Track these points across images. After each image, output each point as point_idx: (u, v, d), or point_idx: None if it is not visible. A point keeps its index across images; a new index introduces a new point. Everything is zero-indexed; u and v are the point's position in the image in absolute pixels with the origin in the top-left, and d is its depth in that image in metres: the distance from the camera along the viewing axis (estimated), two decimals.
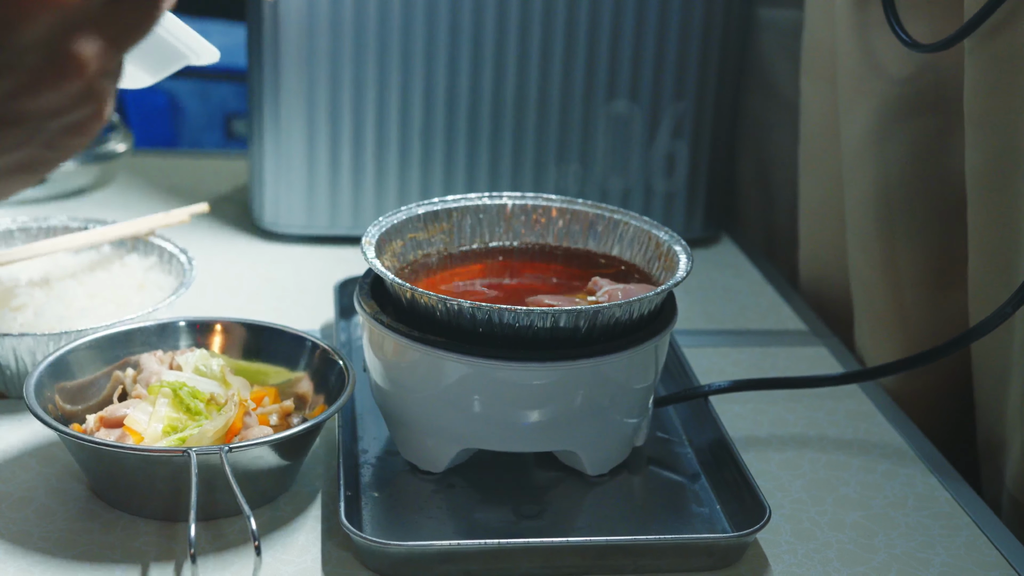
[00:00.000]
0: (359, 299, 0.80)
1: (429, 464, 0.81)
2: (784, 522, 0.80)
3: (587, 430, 0.79)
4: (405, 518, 0.78)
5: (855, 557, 0.76)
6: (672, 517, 0.80)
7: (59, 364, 0.82)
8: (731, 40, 1.20)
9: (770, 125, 1.30)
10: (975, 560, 0.77)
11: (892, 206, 0.97)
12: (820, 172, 1.14)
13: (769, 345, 1.05)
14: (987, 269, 0.88)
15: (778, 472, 0.85)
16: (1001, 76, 0.82)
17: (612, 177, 1.22)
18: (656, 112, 1.20)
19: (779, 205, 1.31)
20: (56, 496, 0.78)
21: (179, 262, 0.98)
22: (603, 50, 1.17)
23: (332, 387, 0.82)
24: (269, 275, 1.15)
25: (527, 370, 0.75)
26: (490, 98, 1.18)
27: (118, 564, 0.72)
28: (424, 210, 0.88)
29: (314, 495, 0.80)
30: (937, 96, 0.93)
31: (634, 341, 0.77)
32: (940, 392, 0.99)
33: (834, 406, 0.94)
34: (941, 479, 0.85)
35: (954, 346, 0.84)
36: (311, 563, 0.73)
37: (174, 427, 0.77)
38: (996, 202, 0.85)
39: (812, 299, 1.17)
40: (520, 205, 0.90)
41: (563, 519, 0.79)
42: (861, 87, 0.98)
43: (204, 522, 0.75)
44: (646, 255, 0.86)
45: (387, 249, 0.84)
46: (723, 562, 0.75)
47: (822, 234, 1.16)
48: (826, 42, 1.08)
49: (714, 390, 0.89)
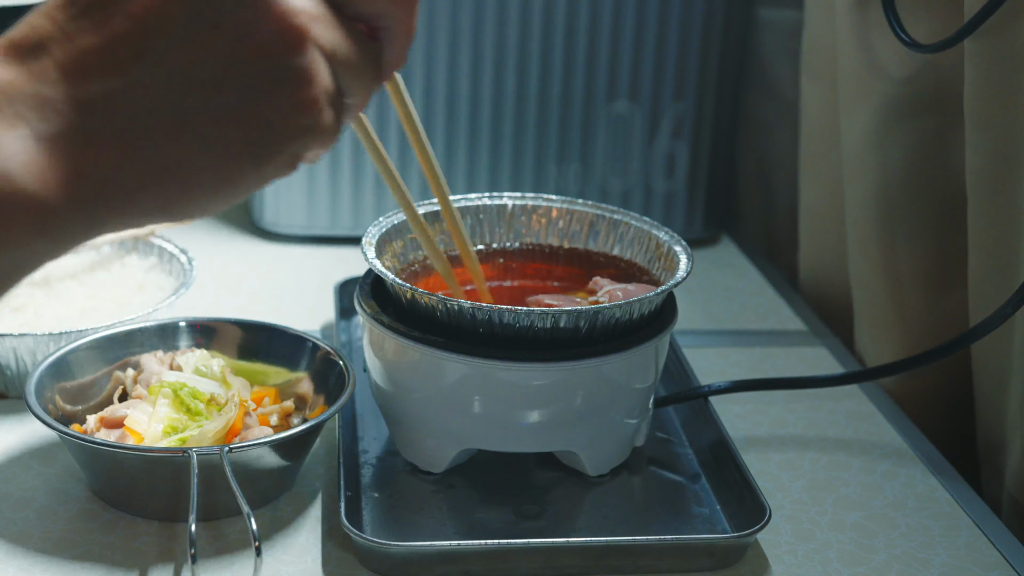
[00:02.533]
0: (359, 299, 0.80)
1: (429, 464, 0.81)
2: (784, 522, 0.80)
3: (587, 430, 0.79)
4: (405, 518, 0.78)
5: (855, 557, 0.76)
6: (672, 517, 0.80)
7: (59, 364, 0.82)
8: (731, 40, 1.20)
9: (770, 125, 1.30)
10: (975, 560, 0.77)
11: (892, 206, 0.97)
12: (820, 172, 1.14)
13: (769, 345, 1.05)
14: (987, 269, 0.88)
15: (778, 472, 0.85)
16: (1001, 76, 0.82)
17: (612, 177, 1.22)
18: (656, 112, 1.20)
19: (779, 205, 1.31)
20: (56, 496, 0.78)
21: (179, 262, 0.98)
22: (603, 50, 1.17)
23: (332, 387, 0.82)
24: (269, 275, 1.15)
25: (527, 370, 0.75)
26: (490, 98, 1.18)
27: (118, 564, 0.72)
28: (425, 210, 0.88)
29: (314, 495, 0.80)
30: (937, 96, 0.93)
31: (634, 341, 0.77)
32: (940, 392, 0.99)
33: (834, 406, 0.94)
34: (941, 479, 0.85)
35: (954, 346, 0.84)
36: (311, 563, 0.73)
37: (174, 427, 0.77)
38: (996, 202, 0.85)
39: (812, 299, 1.17)
40: (520, 205, 0.90)
41: (563, 519, 0.79)
42: (861, 87, 0.98)
43: (204, 522, 0.75)
44: (646, 255, 0.86)
45: (387, 249, 0.84)
46: (723, 562, 0.75)
47: (822, 234, 1.16)
48: (826, 42, 1.08)
49: (714, 390, 0.89)
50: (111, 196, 0.46)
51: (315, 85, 0.48)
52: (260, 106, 0.47)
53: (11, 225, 0.45)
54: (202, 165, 0.47)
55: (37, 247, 0.46)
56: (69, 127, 0.46)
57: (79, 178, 0.46)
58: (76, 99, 0.46)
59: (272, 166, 0.49)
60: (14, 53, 0.46)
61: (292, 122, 0.48)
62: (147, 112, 0.46)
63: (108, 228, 0.48)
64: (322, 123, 0.49)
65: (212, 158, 0.47)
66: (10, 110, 0.45)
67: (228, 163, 0.48)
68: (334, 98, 0.49)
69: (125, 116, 0.46)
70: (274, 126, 0.48)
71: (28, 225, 0.45)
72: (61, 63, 0.46)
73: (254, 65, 0.46)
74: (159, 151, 0.47)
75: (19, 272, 0.47)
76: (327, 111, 0.49)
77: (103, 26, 0.46)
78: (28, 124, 0.45)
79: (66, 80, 0.46)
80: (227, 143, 0.47)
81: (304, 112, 0.48)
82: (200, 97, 0.46)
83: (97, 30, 0.46)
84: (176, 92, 0.46)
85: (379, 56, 0.52)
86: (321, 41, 0.48)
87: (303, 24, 0.47)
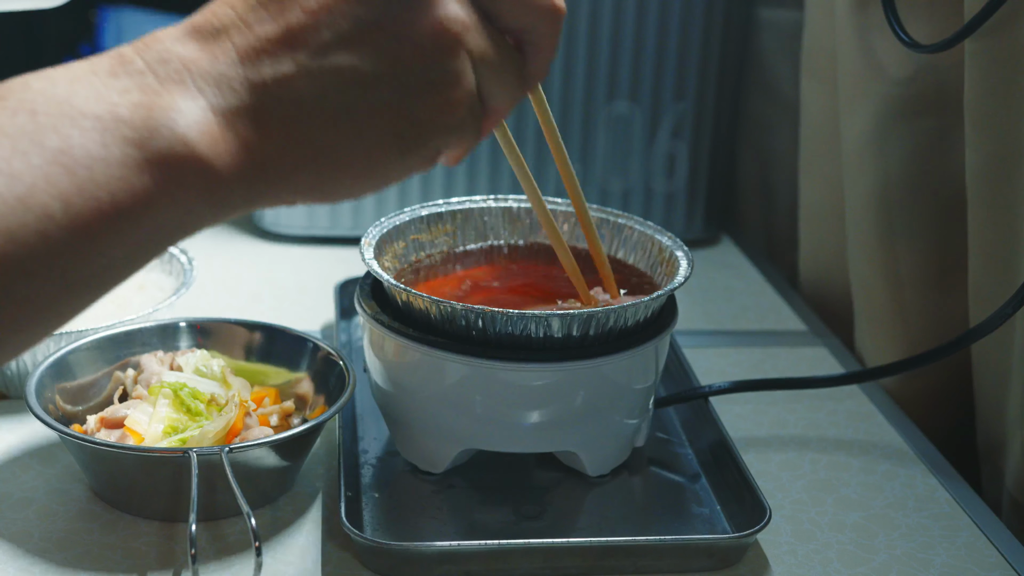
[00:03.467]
0: (359, 300, 0.80)
1: (429, 464, 0.81)
2: (784, 523, 0.80)
3: (588, 431, 0.79)
4: (405, 518, 0.78)
5: (855, 558, 0.76)
6: (672, 518, 0.80)
7: (60, 364, 0.82)
8: (731, 40, 1.20)
9: (770, 125, 1.30)
10: (975, 561, 0.77)
11: (892, 206, 0.97)
12: (820, 172, 1.14)
13: (769, 345, 1.05)
14: (987, 269, 0.88)
15: (778, 473, 0.85)
16: (1001, 76, 0.82)
17: (612, 178, 1.22)
18: (656, 113, 1.20)
19: (779, 205, 1.31)
20: (56, 497, 0.78)
21: (179, 262, 0.98)
22: (603, 50, 1.17)
23: (332, 388, 0.82)
24: (269, 275, 1.15)
25: (528, 371, 0.75)
26: None
27: (118, 565, 0.72)
28: (428, 211, 0.88)
29: (314, 495, 0.80)
30: (937, 96, 0.93)
31: (634, 342, 0.77)
32: (940, 392, 0.99)
33: (834, 407, 0.94)
34: (941, 480, 0.85)
35: (954, 347, 0.84)
36: (311, 563, 0.73)
37: (175, 428, 0.77)
38: (996, 202, 0.85)
39: (812, 299, 1.17)
40: (525, 208, 0.90)
41: (563, 520, 0.79)
42: (861, 87, 0.98)
43: (204, 523, 0.75)
44: (649, 260, 0.86)
45: (388, 250, 0.84)
46: (723, 563, 0.75)
47: (822, 234, 1.16)
48: (826, 43, 1.08)
49: (714, 391, 0.89)
50: (272, 172, 0.51)
51: (462, 87, 0.53)
52: (412, 101, 0.52)
53: (182, 186, 0.49)
54: (355, 152, 0.52)
55: (200, 210, 0.50)
56: (242, 105, 0.50)
57: (246, 152, 0.50)
58: (250, 81, 0.50)
59: (416, 158, 0.53)
60: (197, 35, 0.50)
61: (439, 119, 0.53)
62: (312, 99, 0.50)
63: (264, 202, 0.52)
64: (465, 123, 0.54)
65: (365, 146, 0.52)
66: (192, 84, 0.49)
67: (378, 152, 0.52)
68: (477, 102, 0.54)
69: (292, 101, 0.50)
70: (422, 121, 0.52)
71: (196, 188, 0.49)
72: (239, 47, 0.50)
73: (411, 63, 0.51)
74: (318, 136, 0.51)
75: (179, 233, 0.50)
76: (470, 114, 0.54)
77: (279, 17, 0.50)
78: (206, 97, 0.49)
79: (242, 63, 0.50)
80: (380, 133, 0.52)
81: (451, 111, 0.53)
82: (360, 89, 0.51)
83: (274, 20, 0.50)
84: (339, 83, 0.50)
85: (523, 67, 0.56)
86: (471, 47, 0.52)
87: (458, 30, 0.52)
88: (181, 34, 0.51)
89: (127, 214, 0.47)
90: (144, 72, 0.49)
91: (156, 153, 0.48)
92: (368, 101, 0.51)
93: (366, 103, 0.51)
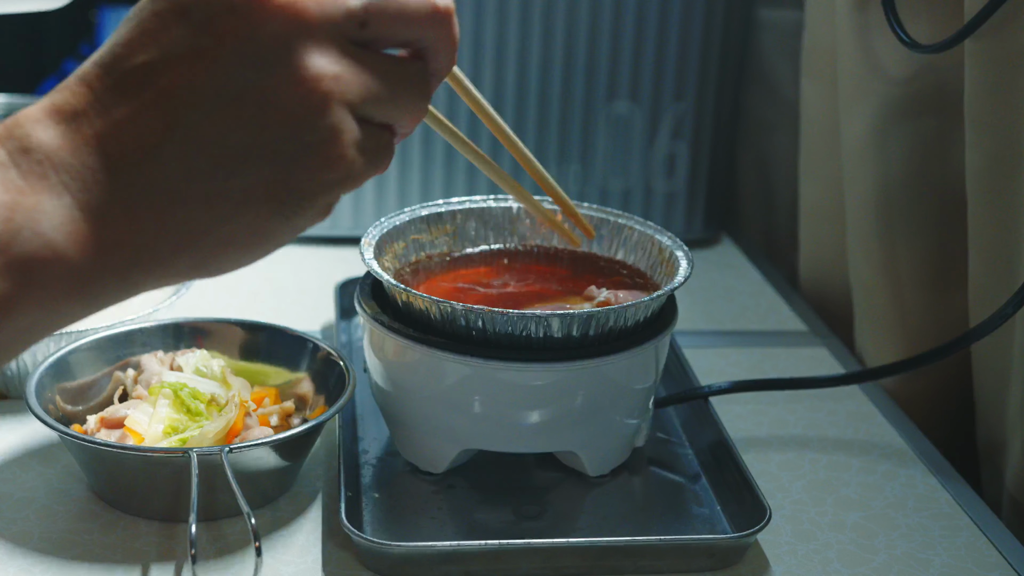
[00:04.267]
0: (359, 300, 0.80)
1: (429, 465, 0.81)
2: (784, 523, 0.80)
3: (588, 431, 0.79)
4: (405, 519, 0.78)
5: (856, 558, 0.76)
6: (672, 518, 0.80)
7: (60, 364, 0.82)
8: (731, 40, 1.20)
9: (770, 125, 1.30)
10: (975, 561, 0.77)
11: (892, 206, 0.97)
12: (820, 172, 1.14)
13: (769, 345, 1.05)
14: (987, 269, 0.88)
15: (778, 473, 0.85)
16: (1001, 76, 0.82)
17: (612, 178, 1.22)
18: (656, 113, 1.20)
19: (779, 205, 1.31)
20: (57, 497, 0.78)
21: None
22: (603, 50, 1.17)
23: (332, 388, 0.82)
24: (269, 275, 1.15)
25: (528, 371, 0.75)
26: (490, 99, 1.18)
27: (118, 565, 0.72)
28: (428, 212, 0.88)
29: (314, 496, 0.80)
30: (937, 96, 0.93)
31: (634, 342, 0.77)
32: (940, 393, 0.99)
33: (834, 407, 0.94)
34: (941, 480, 0.85)
35: (954, 347, 0.84)
36: (311, 564, 0.73)
37: (175, 428, 0.77)
38: (996, 202, 0.85)
39: (812, 299, 1.17)
40: (526, 208, 0.90)
41: (563, 520, 0.79)
42: (861, 88, 0.98)
43: (204, 523, 0.75)
44: (649, 260, 0.86)
45: (388, 250, 0.84)
46: (723, 563, 0.75)
47: (822, 234, 1.16)
48: (826, 43, 1.08)
49: (714, 391, 0.89)
50: (147, 260, 0.48)
51: (342, 142, 0.49)
52: (289, 169, 0.49)
53: (46, 288, 0.46)
54: (236, 229, 0.49)
55: (70, 309, 0.48)
56: (109, 198, 0.47)
57: (117, 247, 0.47)
58: (115, 170, 0.47)
59: (303, 219, 0.51)
60: (57, 116, 0.48)
61: (321, 178, 0.50)
62: (181, 183, 0.48)
63: (141, 289, 0.50)
64: (352, 173, 0.50)
65: (246, 221, 0.49)
66: (56, 178, 0.47)
67: (260, 224, 0.50)
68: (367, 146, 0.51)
69: (160, 185, 0.47)
70: (303, 186, 0.49)
71: (63, 288, 0.47)
72: (99, 132, 0.47)
73: (280, 131, 0.48)
74: (194, 219, 0.48)
75: (48, 330, 0.49)
76: (357, 160, 0.50)
77: (135, 98, 0.47)
78: (71, 193, 0.47)
79: (104, 151, 0.47)
80: (258, 206, 0.49)
81: (333, 168, 0.50)
82: (231, 165, 0.48)
83: (129, 101, 0.48)
84: (208, 161, 0.48)
85: (423, 72, 0.53)
86: (348, 96, 0.49)
87: (326, 87, 0.48)
88: (42, 114, 0.48)
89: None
90: (6, 165, 0.46)
91: (17, 258, 0.45)
92: (241, 177, 0.48)
93: (239, 180, 0.48)
